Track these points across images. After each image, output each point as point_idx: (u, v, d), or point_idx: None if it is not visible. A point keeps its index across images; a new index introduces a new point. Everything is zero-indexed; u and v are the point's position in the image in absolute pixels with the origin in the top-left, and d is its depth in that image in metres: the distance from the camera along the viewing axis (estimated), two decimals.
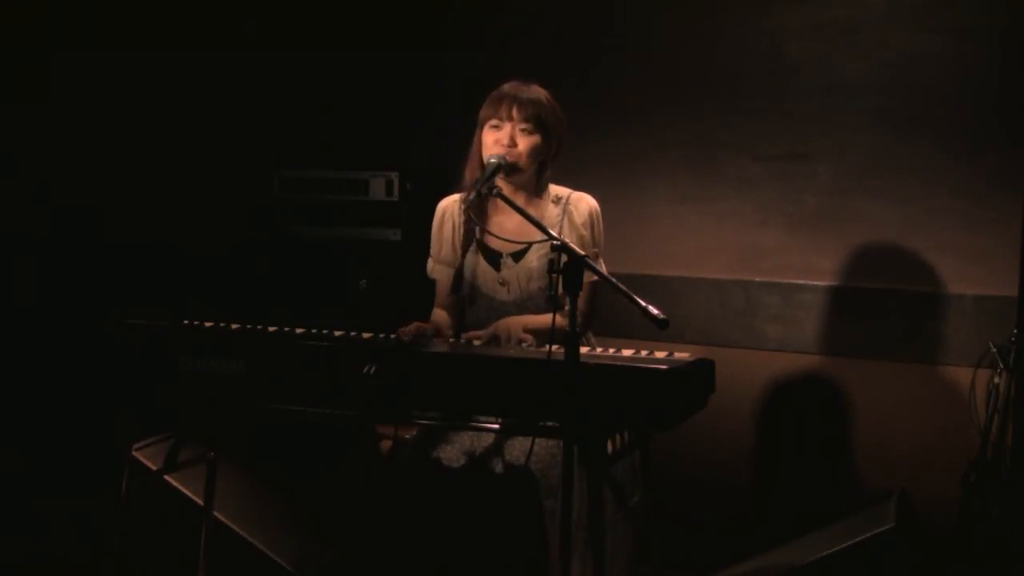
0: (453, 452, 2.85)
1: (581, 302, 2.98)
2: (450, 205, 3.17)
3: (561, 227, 3.03)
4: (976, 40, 3.51)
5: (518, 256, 3.07)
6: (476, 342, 2.83)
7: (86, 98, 4.33)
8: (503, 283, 3.07)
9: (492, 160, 2.92)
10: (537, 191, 3.09)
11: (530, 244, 3.02)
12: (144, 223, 4.39)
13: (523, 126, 2.98)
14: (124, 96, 4.38)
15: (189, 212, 4.40)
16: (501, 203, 2.91)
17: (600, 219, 3.10)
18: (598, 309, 3.13)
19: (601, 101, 3.97)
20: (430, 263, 3.20)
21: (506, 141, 2.97)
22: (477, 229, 3.09)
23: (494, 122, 3.01)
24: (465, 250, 3.11)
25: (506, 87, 3.05)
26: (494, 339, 2.82)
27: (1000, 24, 3.49)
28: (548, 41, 4.08)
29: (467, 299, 3.13)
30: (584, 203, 3.10)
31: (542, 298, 3.01)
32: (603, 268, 3.02)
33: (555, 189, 3.13)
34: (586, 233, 3.06)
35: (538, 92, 3.05)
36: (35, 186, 4.25)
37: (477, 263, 3.09)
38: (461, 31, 4.25)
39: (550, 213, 3.07)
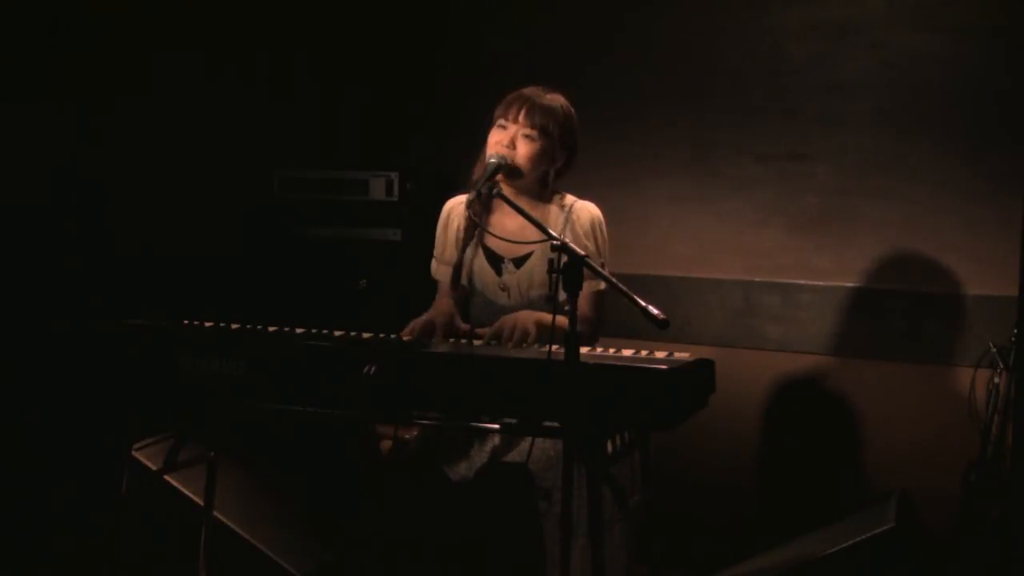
0: (452, 452, 2.85)
1: (588, 310, 2.98)
2: (455, 205, 3.16)
3: (563, 235, 3.01)
4: (976, 40, 3.51)
5: (520, 262, 3.05)
6: (477, 342, 2.84)
7: (87, 98, 4.33)
8: (503, 288, 3.06)
9: (492, 160, 2.92)
10: (541, 197, 3.08)
11: (532, 251, 3.01)
12: (144, 223, 4.39)
13: (527, 131, 2.95)
14: (124, 96, 4.38)
15: (189, 212, 4.40)
16: (504, 206, 2.90)
17: (603, 228, 3.07)
18: (604, 320, 3.12)
19: (601, 101, 3.97)
20: (434, 263, 3.20)
21: (506, 143, 2.95)
22: (478, 229, 3.08)
23: (502, 122, 2.99)
24: (465, 245, 3.09)
25: (524, 90, 3.01)
26: (499, 331, 2.81)
27: (1000, 24, 3.49)
28: (549, 41, 4.08)
29: (468, 298, 3.12)
30: (586, 212, 3.06)
31: (542, 305, 3.00)
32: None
33: (559, 197, 3.11)
34: (589, 243, 3.03)
35: (554, 101, 3.00)
36: (35, 185, 4.25)
37: (479, 263, 3.09)
38: (461, 31, 4.26)
39: (553, 218, 3.05)
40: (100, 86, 4.34)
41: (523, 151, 2.95)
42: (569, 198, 3.10)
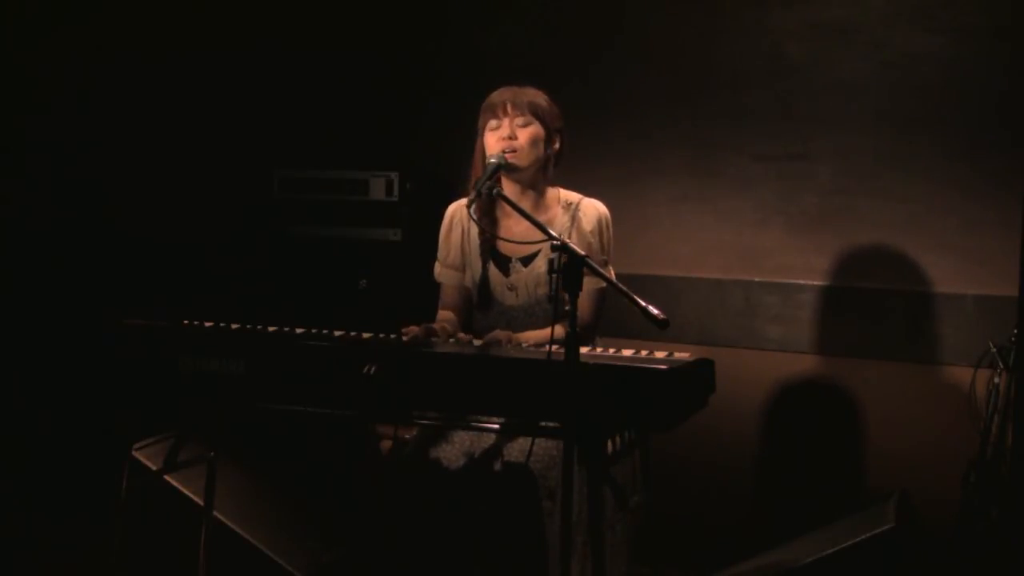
0: (453, 452, 2.85)
1: (586, 310, 2.98)
2: (458, 210, 3.17)
3: (570, 233, 3.02)
4: (976, 40, 3.51)
5: (527, 261, 3.06)
6: (477, 342, 2.84)
7: (88, 99, 4.33)
8: (511, 288, 3.07)
9: (492, 160, 2.93)
10: (542, 192, 3.09)
11: (539, 250, 3.01)
12: (144, 223, 4.39)
13: (520, 119, 3.00)
14: (125, 96, 4.38)
15: (189, 212, 4.40)
16: (509, 207, 2.91)
17: (609, 226, 3.09)
18: (602, 318, 3.12)
19: (601, 101, 3.97)
20: (437, 267, 3.20)
21: (506, 134, 2.98)
22: (487, 236, 3.09)
23: (492, 124, 3.01)
24: (486, 260, 3.10)
25: (498, 91, 3.05)
26: (493, 342, 2.82)
27: (1000, 24, 3.49)
28: (548, 41, 4.08)
29: (476, 304, 3.13)
30: (593, 209, 3.08)
31: (549, 304, 3.00)
32: (611, 276, 3.02)
33: (565, 194, 3.12)
34: (594, 240, 3.04)
35: (531, 90, 3.06)
36: (36, 186, 4.25)
37: (487, 267, 3.09)
38: (461, 31, 4.25)
39: (559, 219, 3.06)
40: (100, 86, 4.34)
41: (524, 138, 2.99)
42: (575, 196, 3.12)
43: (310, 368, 2.70)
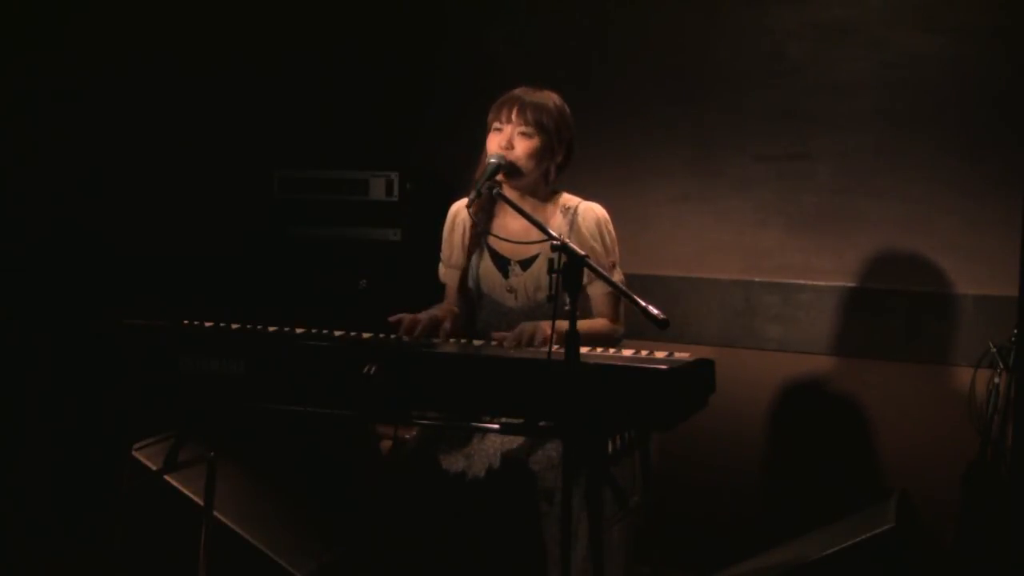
0: (452, 452, 2.85)
1: (610, 314, 2.99)
2: (460, 209, 3.16)
3: (568, 237, 3.00)
4: (976, 40, 3.51)
5: (526, 264, 3.06)
6: (478, 343, 2.84)
7: (87, 99, 4.32)
8: (511, 290, 3.06)
9: (491, 160, 2.92)
10: (543, 197, 3.08)
11: (538, 253, 3.00)
12: (144, 223, 4.38)
13: (522, 129, 2.97)
14: (124, 96, 4.37)
15: (189, 212, 4.40)
16: (507, 208, 2.90)
17: (609, 228, 3.07)
18: (622, 318, 3.10)
19: (601, 101, 3.97)
20: (441, 267, 3.20)
21: (504, 144, 2.97)
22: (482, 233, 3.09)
23: (496, 125, 3.00)
24: (471, 252, 3.10)
25: (514, 91, 3.03)
26: (519, 335, 2.80)
27: (1000, 24, 3.49)
28: (548, 41, 4.08)
29: (475, 301, 3.13)
30: (592, 213, 3.06)
31: (549, 308, 3.00)
32: (619, 276, 3.01)
33: (566, 198, 3.10)
34: (596, 244, 3.03)
35: (545, 96, 3.02)
36: (36, 186, 4.24)
37: (485, 266, 3.09)
38: (461, 31, 4.26)
39: (556, 221, 3.05)
40: (100, 86, 4.33)
41: (521, 149, 2.97)
42: (573, 200, 3.10)
43: (310, 368, 2.70)
